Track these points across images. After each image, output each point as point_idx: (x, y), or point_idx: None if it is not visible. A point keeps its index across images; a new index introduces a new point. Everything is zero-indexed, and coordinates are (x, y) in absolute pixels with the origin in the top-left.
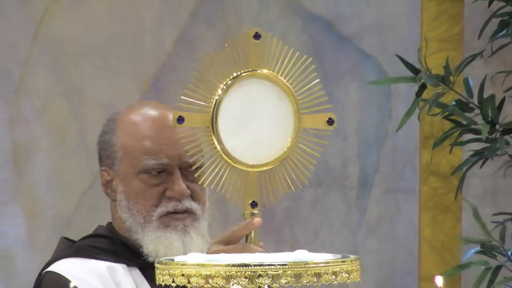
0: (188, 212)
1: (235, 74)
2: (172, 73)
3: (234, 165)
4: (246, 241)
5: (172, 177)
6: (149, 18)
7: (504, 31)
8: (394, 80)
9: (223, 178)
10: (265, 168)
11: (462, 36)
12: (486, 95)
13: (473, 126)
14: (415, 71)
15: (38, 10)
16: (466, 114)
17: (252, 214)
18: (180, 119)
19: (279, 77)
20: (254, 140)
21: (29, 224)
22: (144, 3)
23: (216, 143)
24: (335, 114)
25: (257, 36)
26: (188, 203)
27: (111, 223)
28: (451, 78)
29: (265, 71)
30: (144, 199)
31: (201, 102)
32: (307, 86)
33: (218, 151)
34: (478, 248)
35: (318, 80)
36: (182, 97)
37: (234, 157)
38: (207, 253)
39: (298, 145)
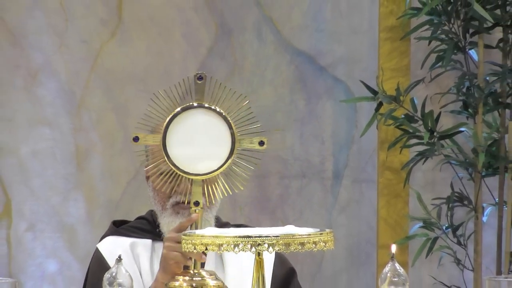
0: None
1: (183, 106)
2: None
3: (181, 174)
4: (191, 228)
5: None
6: (177, 53)
7: (440, 63)
8: (358, 99)
9: (172, 183)
10: (205, 177)
11: (409, 67)
12: (427, 110)
13: (417, 134)
14: (374, 92)
15: (95, 48)
16: (412, 124)
17: (195, 211)
18: (136, 138)
19: (217, 109)
20: (197, 155)
21: (87, 206)
22: (174, 42)
23: (165, 157)
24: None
25: (200, 78)
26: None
27: None
28: (401, 97)
29: (206, 105)
30: (162, 192)
31: (153, 125)
32: (245, 116)
33: (167, 163)
34: (421, 224)
35: (252, 112)
36: (138, 122)
37: (180, 168)
38: (166, 236)
39: (236, 160)
